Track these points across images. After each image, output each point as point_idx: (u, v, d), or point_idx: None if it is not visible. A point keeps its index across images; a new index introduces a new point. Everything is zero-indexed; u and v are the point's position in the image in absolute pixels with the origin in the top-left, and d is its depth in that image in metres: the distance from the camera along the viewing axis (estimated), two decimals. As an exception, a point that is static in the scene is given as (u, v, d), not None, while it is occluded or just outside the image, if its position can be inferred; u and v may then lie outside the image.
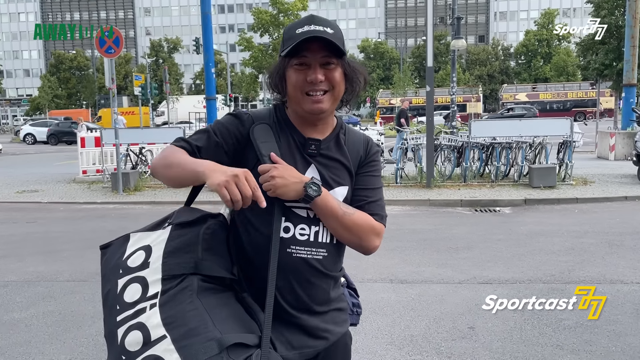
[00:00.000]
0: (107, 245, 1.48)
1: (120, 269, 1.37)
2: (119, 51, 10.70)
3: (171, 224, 1.40)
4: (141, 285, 1.31)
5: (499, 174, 10.95)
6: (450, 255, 6.04)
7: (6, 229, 8.17)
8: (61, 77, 66.35)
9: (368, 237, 1.51)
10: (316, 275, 1.46)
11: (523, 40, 65.68)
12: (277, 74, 1.49)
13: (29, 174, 15.15)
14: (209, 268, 1.34)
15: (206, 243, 1.37)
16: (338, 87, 1.47)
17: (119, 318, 1.30)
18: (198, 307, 1.27)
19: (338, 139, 1.54)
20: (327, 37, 1.40)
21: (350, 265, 5.31)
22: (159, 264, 1.33)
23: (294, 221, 1.44)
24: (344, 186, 1.51)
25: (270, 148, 1.45)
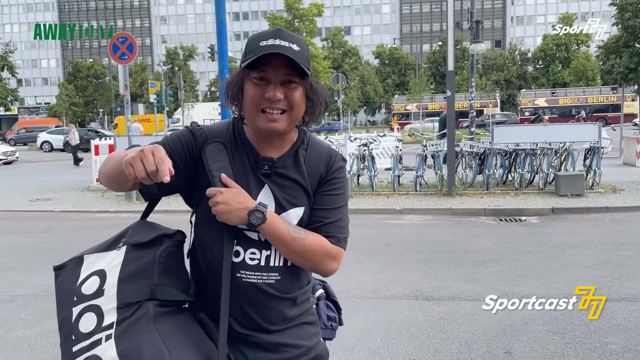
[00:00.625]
0: (61, 266, 1.43)
1: (74, 296, 1.33)
2: (132, 57, 10.55)
3: (126, 244, 1.37)
4: (96, 315, 1.28)
5: (523, 182, 10.55)
6: (478, 269, 5.69)
7: (17, 239, 8.00)
8: (78, 85, 67.06)
9: (322, 262, 1.44)
10: (268, 299, 1.42)
11: (541, 45, 64.84)
12: (235, 85, 1.42)
13: (44, 181, 15.07)
14: (165, 293, 1.33)
15: (162, 266, 1.35)
16: (297, 108, 1.40)
17: (75, 349, 1.28)
18: (154, 338, 1.25)
19: (297, 156, 1.47)
20: (291, 55, 1.32)
21: (372, 280, 5.01)
22: (113, 292, 1.30)
23: (245, 245, 1.40)
24: (299, 207, 1.44)
25: (222, 168, 1.40)
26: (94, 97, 66.93)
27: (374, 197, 10.48)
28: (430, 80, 61.42)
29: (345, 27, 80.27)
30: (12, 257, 6.81)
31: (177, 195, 1.49)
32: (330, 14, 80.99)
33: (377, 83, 65.74)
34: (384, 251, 6.62)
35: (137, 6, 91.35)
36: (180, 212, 9.63)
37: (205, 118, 45.98)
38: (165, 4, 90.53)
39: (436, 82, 66.04)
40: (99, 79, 68.13)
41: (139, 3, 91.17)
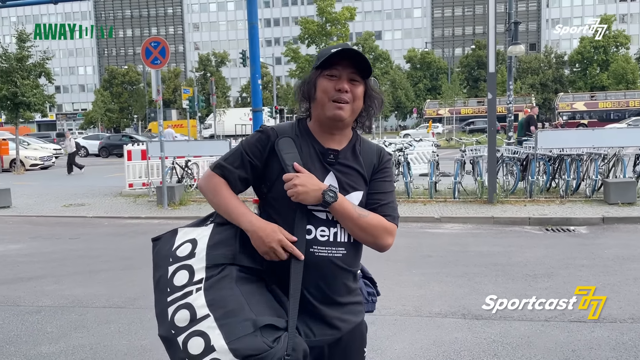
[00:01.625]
0: (158, 238, 1.69)
1: (170, 258, 1.59)
2: (165, 62, 10.44)
3: (213, 222, 1.66)
4: (188, 272, 1.54)
5: (569, 189, 9.99)
6: (529, 285, 5.26)
7: (48, 246, 7.91)
8: (114, 91, 68.43)
9: (382, 236, 1.66)
10: (337, 271, 1.63)
11: (578, 48, 63.00)
12: (309, 82, 1.70)
13: (78, 186, 15.17)
14: (244, 260, 1.58)
15: (242, 239, 1.61)
16: (358, 101, 1.67)
17: (169, 299, 1.53)
18: (236, 293, 1.50)
19: (354, 149, 1.72)
20: (359, 54, 1.64)
21: (414, 295, 4.62)
22: (203, 255, 1.56)
23: (315, 224, 1.62)
24: (359, 191, 1.69)
25: (293, 158, 1.64)
26: (128, 103, 68.17)
27: (410, 204, 10.09)
28: (464, 85, 60.33)
29: (376, 32, 79.71)
30: (42, 264, 6.69)
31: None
32: (361, 19, 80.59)
33: (408, 87, 64.98)
34: (424, 263, 6.24)
35: (170, 14, 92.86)
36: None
37: (236, 123, 46.27)
38: (198, 11, 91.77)
39: (469, 86, 64.90)
40: (133, 86, 69.37)
41: (172, 11, 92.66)
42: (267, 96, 59.09)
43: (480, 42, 69.90)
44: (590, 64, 61.04)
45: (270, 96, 52.95)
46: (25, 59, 21.61)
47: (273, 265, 1.62)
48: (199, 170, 13.19)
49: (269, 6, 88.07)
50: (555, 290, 5.03)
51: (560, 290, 5.03)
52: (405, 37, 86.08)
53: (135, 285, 5.53)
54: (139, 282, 5.64)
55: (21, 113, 21.96)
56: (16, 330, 4.37)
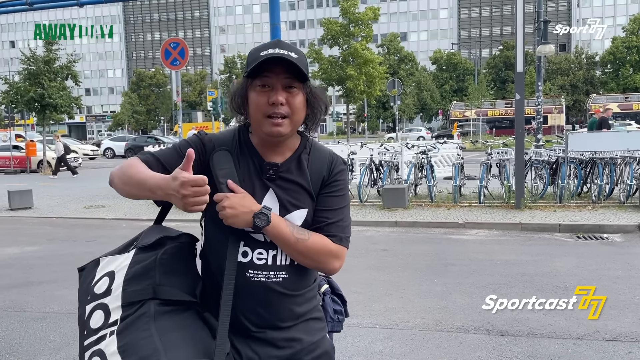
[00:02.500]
0: (83, 268, 1.52)
1: (88, 295, 1.43)
2: (184, 63, 10.34)
3: (135, 247, 1.46)
4: (104, 312, 1.38)
5: (602, 194, 9.52)
6: (559, 297, 4.90)
7: (65, 248, 7.84)
8: (141, 93, 69.41)
9: (326, 261, 1.51)
10: (277, 296, 1.48)
11: (610, 48, 61.31)
12: (239, 94, 1.51)
13: (101, 188, 15.19)
14: (167, 293, 1.40)
15: (164, 267, 1.42)
16: (298, 113, 1.48)
17: (86, 343, 1.37)
18: (152, 335, 1.31)
19: (300, 160, 1.54)
20: (290, 59, 1.42)
21: (435, 308, 4.33)
22: (119, 292, 1.39)
23: (252, 246, 1.48)
24: (302, 209, 1.51)
25: (228, 175, 1.47)
26: (155, 105, 69.06)
27: (433, 208, 9.75)
28: (491, 86, 59.30)
29: (402, 33, 79.08)
30: (57, 267, 6.60)
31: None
32: (386, 20, 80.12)
33: (433, 89, 64.23)
34: (446, 272, 5.93)
35: (197, 17, 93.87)
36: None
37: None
38: (224, 14, 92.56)
39: (496, 88, 63.78)
40: (160, 88, 70.26)
41: (199, 14, 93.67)
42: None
43: (508, 42, 68.72)
44: (623, 65, 59.34)
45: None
46: (52, 62, 21.98)
47: (212, 290, 1.48)
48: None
49: (293, 8, 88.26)
50: (588, 305, 4.68)
51: (593, 305, 4.67)
52: (431, 38, 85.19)
53: (145, 292, 5.36)
54: (150, 288, 5.48)
55: (48, 115, 22.34)
56: (19, 338, 4.23)
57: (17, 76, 23.54)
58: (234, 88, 1.54)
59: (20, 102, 22.19)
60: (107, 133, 72.12)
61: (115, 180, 1.52)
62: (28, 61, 21.82)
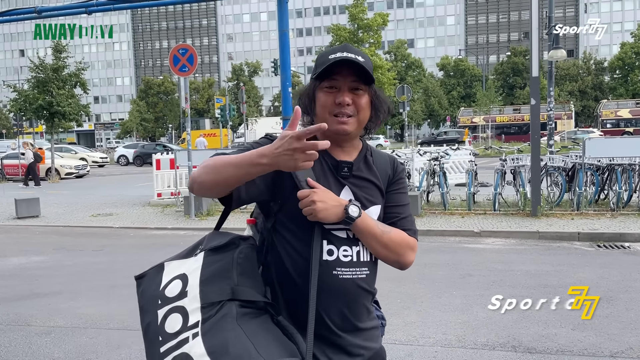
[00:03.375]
0: (142, 275, 1.48)
1: (158, 300, 1.38)
2: (192, 69, 10.21)
3: (203, 250, 1.43)
4: (181, 315, 1.33)
5: (620, 202, 9.26)
6: (587, 311, 4.68)
7: (71, 258, 7.68)
8: (149, 101, 69.62)
9: (405, 253, 1.55)
10: (362, 294, 1.50)
11: (619, 54, 60.85)
12: (307, 95, 1.56)
13: (109, 195, 15.12)
14: (245, 293, 1.37)
15: (240, 267, 1.40)
16: (363, 112, 1.53)
17: (163, 349, 1.32)
18: (240, 335, 1.29)
19: (366, 160, 1.59)
20: (358, 62, 1.48)
21: (456, 322, 4.09)
22: (196, 292, 1.35)
23: (337, 243, 1.47)
24: (376, 205, 1.56)
25: (306, 173, 1.46)
26: (163, 113, 69.24)
27: (447, 216, 9.53)
28: (499, 92, 58.97)
29: (409, 40, 78.99)
30: (62, 278, 6.44)
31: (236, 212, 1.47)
32: (393, 27, 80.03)
33: (441, 95, 63.96)
34: (465, 283, 5.70)
35: (205, 25, 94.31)
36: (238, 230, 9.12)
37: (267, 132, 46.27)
38: (232, 22, 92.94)
39: (505, 94, 63.41)
40: (168, 96, 70.47)
41: (207, 22, 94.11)
42: (299, 105, 58.89)
43: (515, 48, 68.41)
44: (632, 70, 58.82)
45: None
46: (61, 69, 21.97)
47: (288, 292, 1.48)
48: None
49: (301, 16, 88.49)
50: (617, 319, 4.45)
51: (623, 319, 4.45)
52: (439, 45, 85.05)
53: (153, 304, 5.18)
54: (158, 301, 5.29)
55: (56, 122, 22.31)
56: (22, 354, 4.05)
57: (26, 84, 23.56)
58: (301, 90, 1.59)
59: (28, 110, 22.18)
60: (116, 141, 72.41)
61: (200, 178, 1.43)
62: (37, 69, 21.84)
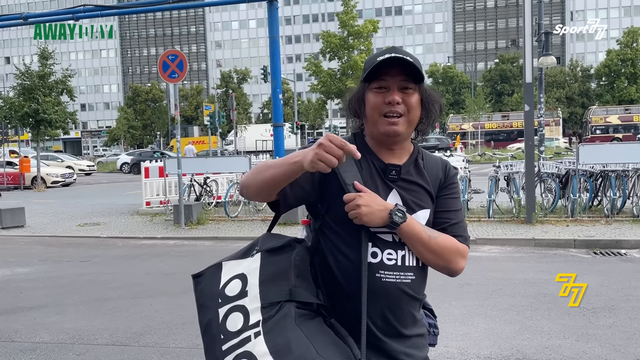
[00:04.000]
0: (200, 274, 1.49)
1: (219, 298, 1.40)
2: (182, 75, 10.04)
3: (259, 251, 1.44)
4: (242, 314, 1.35)
5: (614, 208, 9.22)
6: (589, 321, 4.57)
7: (57, 270, 7.45)
8: (137, 108, 69.09)
9: (455, 259, 1.51)
10: (405, 299, 1.47)
11: (605, 61, 61.58)
12: (356, 98, 1.55)
13: (96, 204, 14.86)
14: (302, 295, 1.39)
15: (297, 269, 1.41)
16: (413, 111, 1.50)
17: (225, 347, 1.33)
18: (300, 335, 1.30)
19: (417, 163, 1.56)
20: (408, 59, 1.45)
21: (457, 334, 3.93)
22: (256, 292, 1.36)
23: (381, 246, 1.46)
24: (425, 209, 1.53)
25: (354, 177, 1.45)
26: (151, 120, 68.75)
27: (441, 224, 9.42)
28: (488, 99, 59.34)
29: (398, 47, 79.34)
30: (48, 290, 6.22)
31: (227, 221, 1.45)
32: (382, 35, 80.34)
33: (430, 102, 64.16)
34: (464, 293, 5.58)
35: (193, 32, 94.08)
36: (229, 240, 8.96)
37: (257, 139, 46.08)
38: (220, 29, 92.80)
39: (493, 101, 63.84)
40: (156, 103, 70.03)
41: (195, 29, 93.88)
42: (288, 112, 58.96)
43: (503, 56, 69.05)
44: (618, 77, 59.50)
45: (291, 112, 52.83)
46: (47, 76, 21.67)
47: (333, 295, 1.47)
48: (218, 187, 12.73)
49: (290, 23, 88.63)
50: (621, 329, 4.35)
51: (627, 329, 4.34)
52: (427, 52, 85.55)
53: (143, 318, 5.00)
54: (148, 314, 5.12)
55: (42, 130, 21.97)
56: (4, 373, 3.86)
57: (12, 91, 23.20)
58: (351, 93, 1.57)
59: (14, 118, 21.83)
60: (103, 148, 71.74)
61: (247, 182, 1.51)
62: (22, 76, 21.51)
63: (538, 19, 17.99)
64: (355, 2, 32.51)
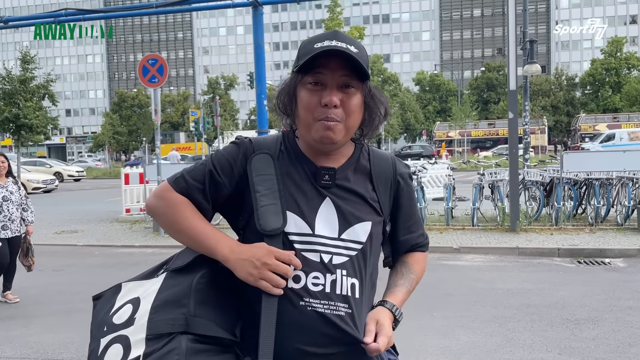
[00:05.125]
0: (99, 296, 1.31)
1: (105, 326, 1.20)
2: (163, 80, 9.86)
3: (167, 271, 1.25)
4: (123, 347, 1.13)
5: (599, 217, 9.18)
6: (572, 333, 4.46)
7: (28, 279, 7.15)
8: (123, 114, 68.49)
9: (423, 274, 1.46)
10: (338, 334, 1.20)
11: (589, 70, 62.39)
12: (286, 92, 1.30)
13: (75, 211, 14.55)
14: (202, 326, 1.15)
15: (200, 295, 1.18)
16: (354, 117, 1.27)
17: None
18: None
19: (358, 166, 1.33)
20: (350, 54, 1.20)
21: (437, 347, 3.75)
22: (144, 321, 1.15)
23: (305, 268, 1.21)
24: (365, 222, 1.28)
25: (267, 181, 1.25)
26: (137, 126, 68.19)
27: (424, 232, 9.30)
28: (474, 107, 59.75)
29: (385, 55, 79.70)
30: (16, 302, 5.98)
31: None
32: (370, 42, 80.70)
33: (417, 110, 64.49)
34: (445, 304, 5.45)
35: (180, 38, 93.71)
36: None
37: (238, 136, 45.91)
38: (207, 35, 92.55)
39: (479, 109, 64.32)
40: (142, 109, 69.52)
41: (182, 35, 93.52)
42: (275, 119, 58.77)
43: (489, 64, 69.61)
44: (602, 86, 60.31)
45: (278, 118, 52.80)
46: (28, 81, 21.35)
47: (253, 326, 1.21)
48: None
49: (277, 30, 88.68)
50: (605, 342, 4.23)
51: (610, 342, 4.23)
52: (414, 60, 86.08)
53: (112, 331, 4.78)
54: (118, 327, 4.90)
55: (24, 135, 21.61)
56: (-42, 392, 3.64)
57: (-8, 96, 22.82)
58: (281, 86, 1.32)
59: (-6, 123, 21.49)
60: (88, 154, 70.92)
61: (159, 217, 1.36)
62: (3, 81, 21.17)
63: (523, 27, 18.10)
64: (342, 9, 32.55)
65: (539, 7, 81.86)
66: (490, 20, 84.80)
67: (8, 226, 5.78)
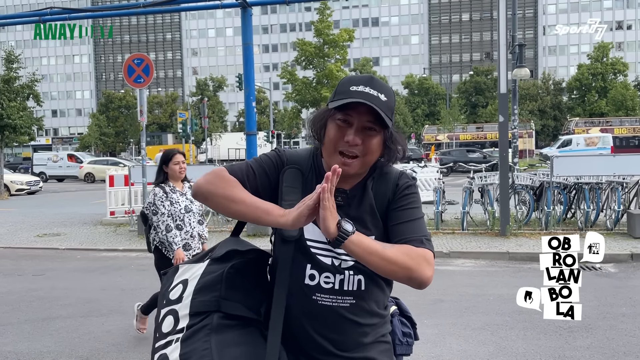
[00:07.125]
0: (165, 272, 1.57)
1: (164, 300, 1.49)
2: (148, 80, 9.66)
3: (210, 258, 1.50)
4: (174, 319, 1.42)
5: (589, 221, 9.13)
6: (565, 341, 4.36)
7: (6, 284, 6.96)
8: (110, 115, 67.88)
9: (418, 265, 1.36)
10: (345, 322, 1.46)
11: (576, 74, 62.96)
12: (319, 121, 1.50)
13: (59, 214, 14.25)
14: (230, 307, 1.41)
15: (229, 281, 1.43)
16: (371, 155, 1.46)
17: (156, 345, 1.43)
18: (210, 347, 1.33)
19: (364, 186, 1.52)
20: (376, 106, 1.40)
21: (429, 356, 3.62)
22: (189, 300, 1.42)
23: (318, 269, 1.46)
24: (370, 235, 1.45)
25: (291, 193, 1.48)
26: (124, 127, 67.60)
27: (414, 236, 9.19)
28: (463, 110, 60.05)
29: (374, 58, 79.86)
30: (-7, 308, 5.76)
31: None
32: (359, 45, 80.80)
33: (406, 113, 64.63)
34: (436, 310, 5.33)
35: (169, 39, 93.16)
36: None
37: (230, 147, 45.63)
38: (196, 36, 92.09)
39: (468, 112, 64.64)
40: (129, 110, 68.95)
41: (171, 36, 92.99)
42: (265, 121, 58.64)
43: (478, 68, 70.03)
44: (589, 91, 60.88)
45: (268, 121, 52.50)
46: (12, 81, 20.91)
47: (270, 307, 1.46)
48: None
49: (267, 32, 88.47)
50: (599, 351, 4.14)
51: (605, 351, 4.14)
52: (403, 64, 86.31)
53: (91, 339, 4.60)
54: (97, 335, 4.72)
55: (7, 136, 21.16)
56: None
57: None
58: (316, 113, 1.54)
59: (-24, 123, 21.00)
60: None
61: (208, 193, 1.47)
62: (-14, 80, 20.73)
63: (512, 31, 18.14)
64: (331, 11, 32.42)
65: (527, 12, 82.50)
66: (478, 24, 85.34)
67: (190, 245, 4.41)
